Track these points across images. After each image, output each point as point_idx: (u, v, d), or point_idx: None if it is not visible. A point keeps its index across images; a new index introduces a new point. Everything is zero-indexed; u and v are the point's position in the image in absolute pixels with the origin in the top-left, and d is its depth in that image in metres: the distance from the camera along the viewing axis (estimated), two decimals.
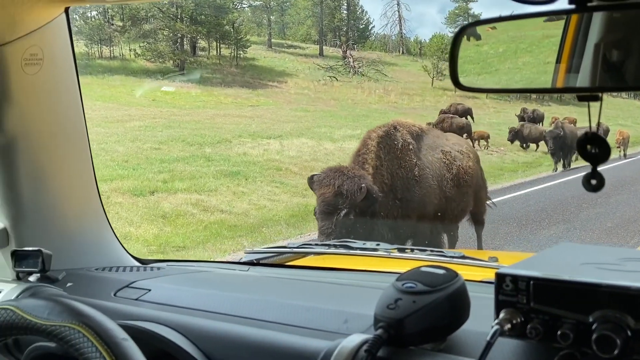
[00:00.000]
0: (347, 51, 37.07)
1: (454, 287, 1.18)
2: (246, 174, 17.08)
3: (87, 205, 1.90)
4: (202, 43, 34.09)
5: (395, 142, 7.33)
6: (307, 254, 2.15)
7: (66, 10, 1.71)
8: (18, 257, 1.64)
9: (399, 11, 43.77)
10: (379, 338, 1.13)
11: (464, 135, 22.01)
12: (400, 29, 43.93)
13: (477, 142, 22.22)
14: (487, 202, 9.32)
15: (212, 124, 22.85)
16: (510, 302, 1.12)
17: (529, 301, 1.10)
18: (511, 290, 1.12)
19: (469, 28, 1.20)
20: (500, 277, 1.13)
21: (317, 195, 6.63)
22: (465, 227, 9.03)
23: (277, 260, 2.12)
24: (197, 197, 14.56)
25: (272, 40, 39.57)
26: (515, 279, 1.11)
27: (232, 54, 34.21)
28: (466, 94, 34.44)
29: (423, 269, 1.23)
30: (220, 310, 1.43)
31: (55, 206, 1.80)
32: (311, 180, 6.80)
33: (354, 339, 1.16)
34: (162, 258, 2.13)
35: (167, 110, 24.76)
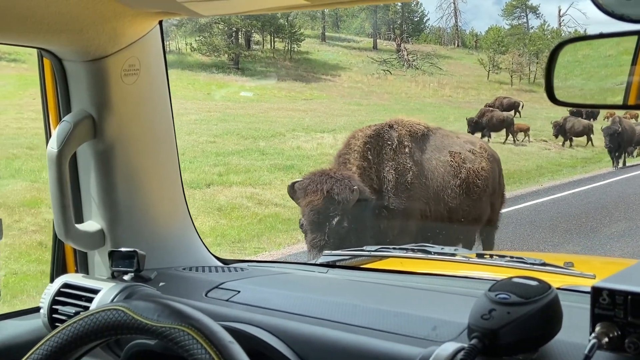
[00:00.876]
0: (401, 44, 36.78)
1: (547, 299, 1.19)
2: (300, 167, 17.18)
3: (174, 208, 1.98)
4: (256, 37, 34.37)
5: (389, 143, 6.54)
6: (384, 257, 2.19)
7: (160, 23, 1.79)
8: (115, 257, 1.72)
9: (454, 3, 43.15)
10: (474, 348, 1.15)
11: (505, 129, 21.63)
12: (456, 21, 43.31)
13: (517, 135, 21.77)
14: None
15: (266, 118, 23.04)
16: (607, 315, 1.13)
17: (627, 315, 1.12)
18: (608, 304, 1.13)
19: (566, 44, 1.21)
20: (597, 291, 1.15)
21: (302, 204, 5.80)
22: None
23: (353, 263, 2.17)
24: (251, 190, 14.74)
25: (326, 33, 39.56)
26: (612, 293, 1.13)
27: (286, 48, 34.37)
28: (522, 88, 33.78)
29: (515, 279, 1.24)
30: (310, 314, 1.47)
31: (147, 209, 1.88)
32: (292, 189, 5.97)
33: (448, 347, 1.19)
34: (241, 258, 2.19)
35: (222, 104, 25.07)
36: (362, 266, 2.15)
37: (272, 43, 34.67)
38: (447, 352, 1.18)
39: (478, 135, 19.33)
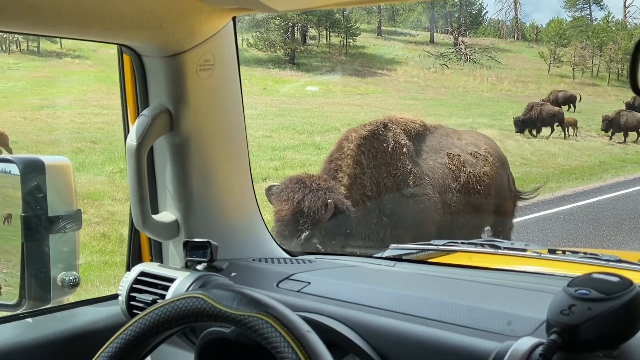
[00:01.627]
0: (459, 38, 36.26)
1: (630, 296, 1.17)
2: None
3: (244, 200, 2.02)
4: (312, 32, 34.49)
5: (385, 145, 5.89)
6: (451, 251, 2.18)
7: (234, 19, 1.83)
8: (189, 247, 1.77)
9: None
10: (554, 343, 1.14)
11: (555, 124, 20.95)
12: (516, 14, 42.37)
13: (566, 130, 21.08)
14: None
15: (321, 113, 23.12)
16: None
17: None
18: None
19: None
20: None
21: (274, 210, 5.32)
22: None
23: (420, 257, 2.17)
24: None
25: (382, 27, 39.36)
26: None
27: (342, 42, 34.37)
28: (585, 81, 32.86)
29: (595, 275, 1.23)
30: (381, 306, 1.48)
31: (219, 201, 1.93)
32: (269, 192, 5.45)
33: (526, 342, 1.18)
34: (308, 251, 2.22)
35: (278, 99, 25.29)
36: (428, 260, 2.15)
37: (328, 38, 34.71)
38: (525, 346, 1.17)
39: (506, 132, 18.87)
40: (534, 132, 20.49)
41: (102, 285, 8.09)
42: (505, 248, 2.03)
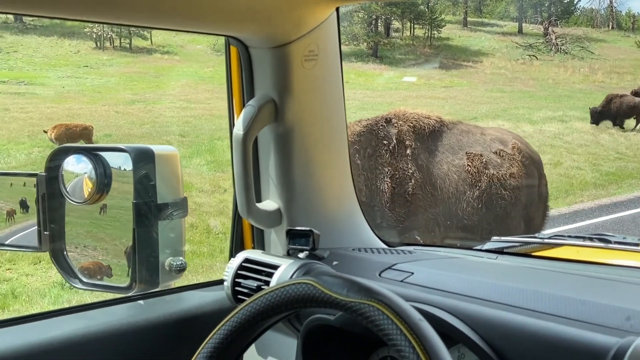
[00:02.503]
0: (549, 28, 35.04)
1: None
2: None
3: (344, 190, 2.04)
4: (396, 24, 34.24)
5: (385, 142, 5.19)
6: (557, 244, 2.12)
7: (337, 9, 1.84)
8: (292, 236, 1.79)
9: None
10: None
11: (634, 117, 19.75)
12: (610, 2, 40.54)
13: None
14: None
15: (405, 106, 22.90)
16: None
17: None
18: None
19: None
20: None
21: None
22: None
23: (524, 250, 2.12)
24: None
25: (468, 18, 38.60)
26: None
27: (426, 34, 33.95)
28: None
29: None
30: (489, 298, 1.46)
31: (320, 190, 1.95)
32: None
33: None
34: (407, 242, 2.21)
35: (360, 92, 25.26)
36: (533, 253, 2.09)
37: (412, 30, 34.36)
38: None
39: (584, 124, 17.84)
40: (618, 123, 19.47)
41: (190, 274, 8.36)
42: (616, 242, 1.95)
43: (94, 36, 32.33)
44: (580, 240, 2.04)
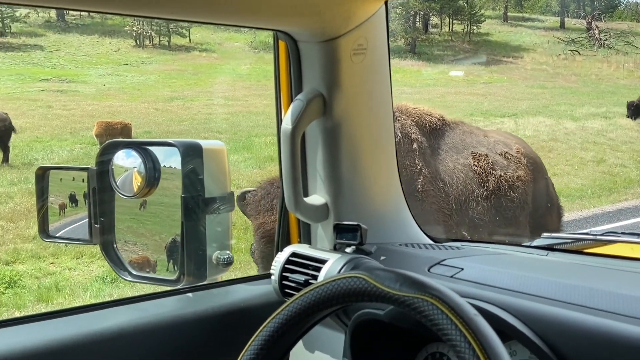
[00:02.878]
0: (592, 22, 34.34)
1: None
2: None
3: (390, 185, 2.02)
4: (434, 20, 33.97)
5: None
6: (610, 241, 2.07)
7: (386, 3, 1.83)
8: (339, 230, 1.79)
9: None
10: None
11: None
12: None
13: None
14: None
15: (443, 102, 22.76)
16: None
17: None
18: None
19: None
20: None
21: (253, 224, 4.38)
22: None
23: (575, 247, 2.07)
24: None
25: (508, 13, 38.07)
26: None
27: (465, 30, 33.60)
28: None
29: None
30: (542, 294, 1.43)
31: (367, 185, 1.94)
32: (242, 200, 4.48)
33: None
34: (454, 238, 2.19)
35: (397, 89, 25.14)
36: (585, 250, 2.05)
37: (451, 25, 34.04)
38: None
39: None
40: None
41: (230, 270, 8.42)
42: None
43: (134, 34, 32.84)
44: (634, 237, 1.99)
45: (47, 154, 15.74)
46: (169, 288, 1.92)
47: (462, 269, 1.66)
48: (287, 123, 1.79)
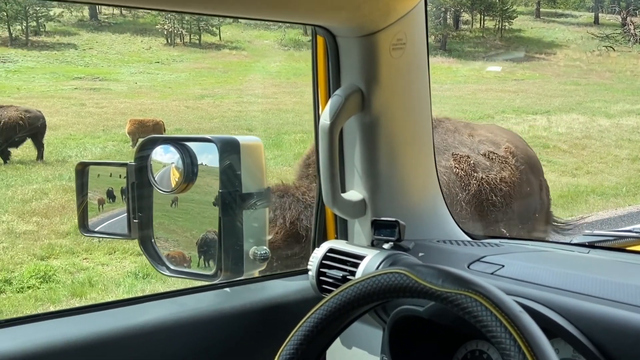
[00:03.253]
0: (627, 17, 33.66)
1: None
2: None
3: (428, 181, 2.01)
4: (465, 16, 33.68)
5: None
6: None
7: None
8: (377, 226, 1.78)
9: None
10: None
11: None
12: None
13: None
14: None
15: (474, 99, 22.57)
16: None
17: None
18: None
19: None
20: None
21: None
22: None
23: (618, 244, 2.04)
24: None
25: (541, 9, 37.55)
26: None
27: (497, 26, 33.25)
28: None
29: None
30: (586, 292, 1.41)
31: (404, 181, 1.93)
32: None
33: None
34: (492, 235, 2.16)
35: None
36: (628, 248, 2.01)
37: (482, 22, 33.70)
38: None
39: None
40: None
41: None
42: None
43: (165, 33, 33.15)
44: None
45: (81, 151, 15.97)
46: (206, 283, 1.93)
47: (503, 266, 1.64)
48: (325, 118, 1.78)
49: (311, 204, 3.91)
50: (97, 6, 34.30)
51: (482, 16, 33.46)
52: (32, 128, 14.95)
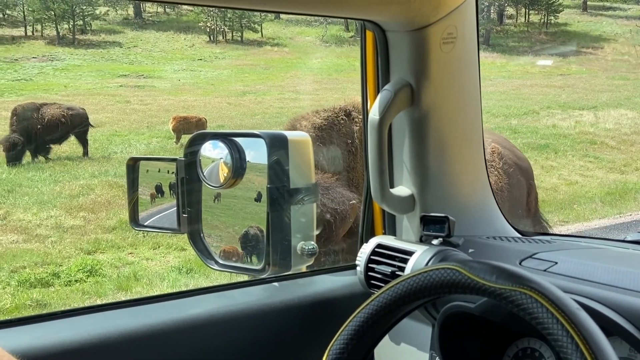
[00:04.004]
0: None
1: None
2: (555, 147, 16.35)
3: (477, 177, 1.98)
4: (509, 10, 33.17)
5: (348, 141, 4.19)
6: None
7: None
8: (426, 222, 1.76)
9: None
10: None
11: None
12: None
13: None
14: None
15: (518, 95, 22.22)
16: None
17: None
18: None
19: None
20: None
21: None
22: None
23: None
24: None
25: (588, 2, 36.71)
26: None
27: (542, 20, 32.63)
28: None
29: None
30: None
31: (453, 176, 1.90)
32: None
33: None
34: (540, 231, 2.13)
35: None
36: None
37: (527, 16, 33.12)
38: None
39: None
40: None
41: None
42: None
43: (208, 30, 33.53)
44: None
45: (126, 148, 16.28)
46: (255, 277, 1.95)
47: (556, 263, 1.61)
48: (374, 113, 1.77)
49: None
50: (141, 4, 34.91)
51: (527, 10, 32.87)
52: (75, 125, 15.31)
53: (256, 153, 1.91)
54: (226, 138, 1.92)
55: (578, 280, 1.49)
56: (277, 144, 1.84)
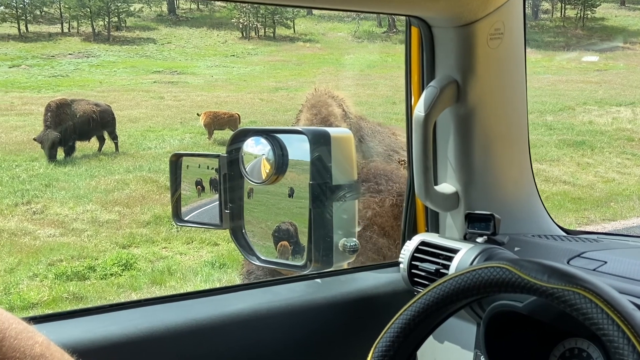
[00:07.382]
0: None
1: None
2: (592, 144, 16.07)
3: (522, 174, 1.95)
4: (544, 5, 32.68)
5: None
6: None
7: None
8: (471, 220, 1.75)
9: None
10: None
11: None
12: None
13: None
14: None
15: (553, 91, 21.88)
16: None
17: None
18: None
19: None
20: None
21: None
22: None
23: None
24: (537, 166, 14.14)
25: None
26: None
27: (578, 15, 32.06)
28: None
29: None
30: None
31: (498, 174, 1.88)
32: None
33: None
34: (586, 230, 2.09)
35: None
36: None
37: (563, 11, 32.58)
38: None
39: None
40: None
41: None
42: None
43: (240, 26, 33.72)
44: None
45: (160, 143, 16.45)
46: (297, 273, 1.95)
47: (605, 262, 1.58)
48: (419, 110, 1.76)
49: None
50: (175, 1, 35.23)
51: (563, 5, 32.33)
52: (104, 121, 15.56)
53: (298, 149, 1.90)
54: (268, 134, 1.92)
55: (629, 280, 1.47)
56: (320, 141, 1.83)
